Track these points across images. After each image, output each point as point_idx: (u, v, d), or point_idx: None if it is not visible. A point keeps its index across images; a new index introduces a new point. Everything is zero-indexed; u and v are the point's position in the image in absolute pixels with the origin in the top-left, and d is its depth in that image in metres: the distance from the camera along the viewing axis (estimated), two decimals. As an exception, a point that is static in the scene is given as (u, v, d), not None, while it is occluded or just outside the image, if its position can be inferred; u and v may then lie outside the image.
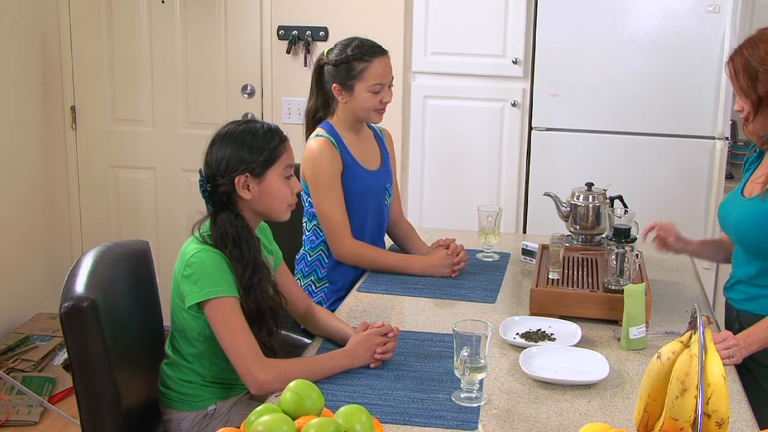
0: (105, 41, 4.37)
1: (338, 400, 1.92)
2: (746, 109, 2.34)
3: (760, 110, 2.31)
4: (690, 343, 1.61)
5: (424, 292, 2.68)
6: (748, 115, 2.34)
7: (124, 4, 4.32)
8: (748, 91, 2.31)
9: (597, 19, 3.78)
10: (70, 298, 2.03)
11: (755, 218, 2.35)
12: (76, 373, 2.07)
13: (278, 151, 2.19)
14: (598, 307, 2.42)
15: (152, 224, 4.51)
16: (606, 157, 3.85)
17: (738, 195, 2.48)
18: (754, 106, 2.31)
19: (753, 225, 2.36)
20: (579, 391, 2.01)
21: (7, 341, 4.00)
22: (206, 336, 2.16)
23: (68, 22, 4.36)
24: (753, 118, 2.33)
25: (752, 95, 2.30)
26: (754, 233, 2.36)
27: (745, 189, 2.47)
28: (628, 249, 2.45)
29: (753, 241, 2.39)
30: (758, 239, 2.36)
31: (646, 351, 2.24)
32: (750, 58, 2.29)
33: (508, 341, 2.26)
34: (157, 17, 4.31)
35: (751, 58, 2.29)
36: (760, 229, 2.35)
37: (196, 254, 2.12)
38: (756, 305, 2.41)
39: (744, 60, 2.30)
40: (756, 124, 2.34)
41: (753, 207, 2.38)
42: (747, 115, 2.34)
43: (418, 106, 4.08)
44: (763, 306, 2.38)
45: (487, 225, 2.92)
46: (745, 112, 2.35)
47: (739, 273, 2.48)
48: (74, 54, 4.39)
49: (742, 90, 2.33)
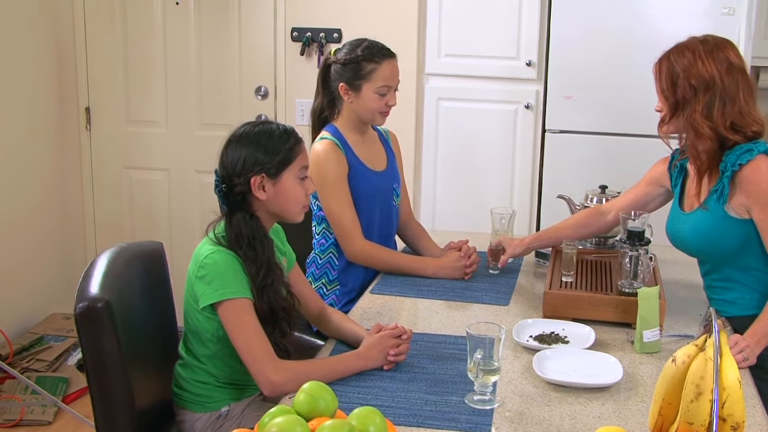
0: (119, 42, 4.38)
1: (352, 402, 1.92)
2: (664, 111, 2.45)
3: (675, 113, 2.41)
4: (705, 347, 1.61)
5: (437, 294, 2.68)
6: (665, 116, 2.45)
7: (138, 6, 4.34)
8: (667, 94, 2.41)
9: (611, 21, 3.77)
10: (84, 299, 2.04)
11: (705, 228, 2.41)
12: (90, 374, 2.07)
13: (294, 153, 2.20)
14: (611, 309, 2.41)
15: (166, 225, 4.52)
16: (620, 159, 3.84)
17: (679, 211, 2.55)
18: (671, 108, 2.42)
19: (705, 235, 2.42)
20: (592, 395, 2.00)
21: (21, 341, 4.02)
22: (219, 337, 2.17)
23: (83, 24, 4.38)
24: (669, 120, 2.44)
25: (671, 98, 2.41)
26: (710, 242, 2.42)
27: (684, 204, 2.54)
28: (641, 251, 2.45)
29: (711, 249, 2.44)
30: (715, 246, 2.42)
31: (660, 354, 2.23)
32: (675, 63, 2.40)
33: (522, 344, 2.26)
34: (171, 19, 4.33)
35: (676, 64, 2.39)
36: (713, 236, 2.40)
37: (210, 255, 2.12)
38: (736, 308, 2.43)
39: (669, 64, 2.41)
40: (671, 126, 2.46)
41: (699, 218, 2.43)
42: (664, 116, 2.45)
43: (431, 108, 4.08)
44: (743, 306, 2.41)
45: (500, 227, 2.92)
46: (662, 113, 2.46)
47: (710, 281, 2.52)
48: (89, 55, 4.41)
49: (662, 92, 2.43)
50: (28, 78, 4.18)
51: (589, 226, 2.82)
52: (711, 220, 2.40)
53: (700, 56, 2.37)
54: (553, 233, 2.84)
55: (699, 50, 2.38)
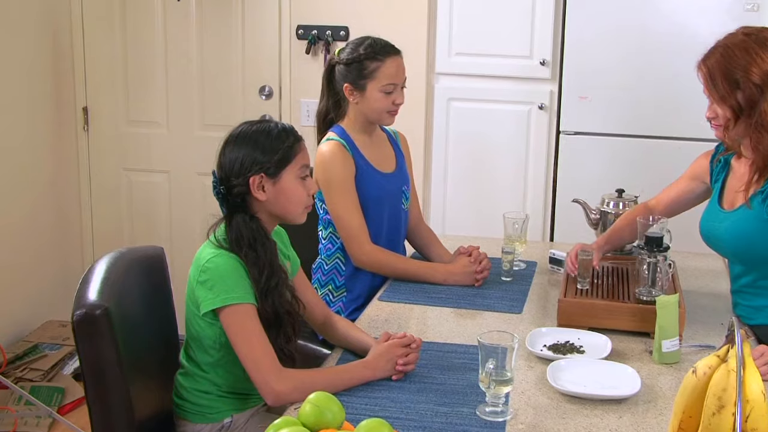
0: (118, 40, 4.39)
1: (359, 413, 1.92)
2: (725, 116, 2.35)
3: (740, 117, 2.32)
4: (727, 358, 1.60)
5: (447, 301, 2.68)
6: (728, 122, 2.35)
7: (138, 2, 4.34)
8: (729, 99, 2.32)
9: (628, 19, 3.77)
10: (82, 306, 2.04)
11: (746, 228, 2.39)
12: (88, 383, 2.07)
13: (293, 151, 2.21)
14: (629, 318, 2.40)
15: (166, 229, 4.53)
16: (637, 162, 3.84)
17: (717, 208, 2.51)
18: (735, 112, 2.32)
19: (744, 234, 2.40)
20: (609, 407, 2.00)
21: (15, 350, 4.02)
22: (222, 344, 2.17)
23: (80, 21, 4.38)
24: (734, 126, 2.34)
25: (733, 102, 2.31)
26: (747, 243, 2.40)
27: (724, 201, 2.51)
28: (660, 258, 2.44)
29: (749, 252, 2.42)
30: (752, 247, 2.40)
31: (679, 365, 2.23)
32: (729, 64, 2.30)
33: (535, 353, 2.26)
34: (172, 15, 4.33)
35: (731, 65, 2.30)
36: (752, 237, 2.38)
37: (212, 259, 2.13)
38: (762, 315, 2.43)
39: (722, 66, 2.31)
40: (737, 131, 2.36)
41: (741, 217, 2.41)
42: (726, 122, 2.35)
43: (442, 108, 4.08)
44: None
45: (513, 232, 2.92)
46: (722, 120, 2.36)
47: (739, 286, 2.51)
48: (86, 53, 4.41)
49: (721, 98, 2.33)
50: (23, 76, 4.19)
51: None
52: (753, 221, 2.37)
53: (755, 52, 2.29)
54: (618, 234, 2.78)
55: (751, 46, 2.30)
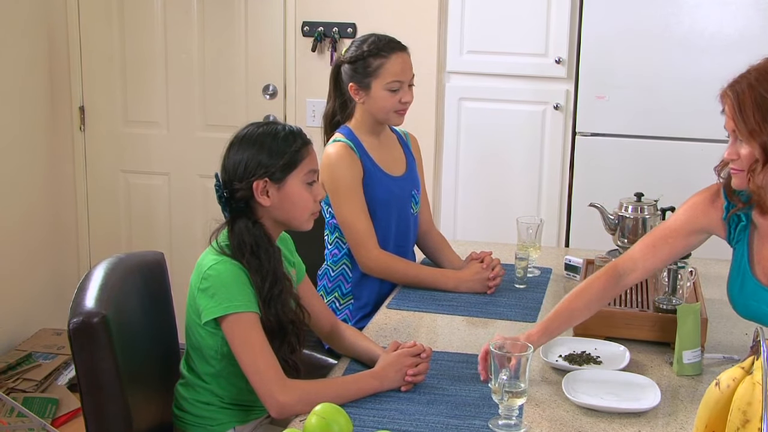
0: (116, 36, 4.40)
1: (366, 426, 1.92)
2: (751, 157, 2.02)
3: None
4: (752, 370, 1.60)
5: (458, 309, 2.68)
6: (754, 165, 2.02)
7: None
8: (757, 132, 1.99)
9: (648, 15, 3.77)
10: (79, 314, 2.05)
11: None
12: (84, 394, 2.08)
13: (300, 155, 2.21)
14: (648, 328, 2.40)
15: (166, 234, 4.54)
16: (656, 164, 3.83)
17: (756, 283, 2.17)
18: (765, 152, 1.99)
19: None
20: (627, 420, 2.00)
21: (7, 359, 4.03)
22: (224, 354, 2.17)
23: (77, 16, 4.40)
24: (762, 169, 2.00)
25: (763, 137, 1.99)
26: None
27: (757, 270, 2.17)
28: (681, 265, 2.44)
29: None
30: None
31: (701, 377, 2.22)
32: (765, 92, 1.98)
33: (551, 364, 2.26)
34: (172, 11, 4.35)
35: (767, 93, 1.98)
36: None
37: (214, 266, 2.13)
38: None
39: (754, 95, 1.99)
40: (766, 175, 2.02)
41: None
42: (752, 164, 2.02)
43: (453, 108, 4.09)
44: None
45: (527, 238, 2.92)
46: (746, 161, 2.03)
47: None
48: (83, 50, 4.43)
49: (751, 133, 2.00)
50: (18, 75, 4.21)
51: (605, 298, 2.33)
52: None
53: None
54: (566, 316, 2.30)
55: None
